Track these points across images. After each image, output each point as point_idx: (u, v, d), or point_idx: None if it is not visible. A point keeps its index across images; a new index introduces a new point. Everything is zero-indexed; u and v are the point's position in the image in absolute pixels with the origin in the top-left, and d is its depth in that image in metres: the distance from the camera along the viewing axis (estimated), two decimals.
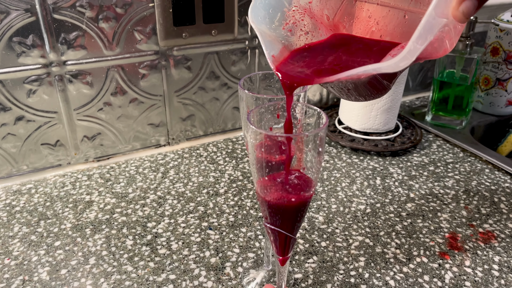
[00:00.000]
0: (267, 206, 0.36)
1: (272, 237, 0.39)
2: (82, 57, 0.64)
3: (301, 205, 0.36)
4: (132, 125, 0.73)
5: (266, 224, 0.38)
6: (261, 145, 0.33)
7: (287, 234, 0.38)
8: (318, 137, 0.33)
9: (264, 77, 0.43)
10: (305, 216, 0.38)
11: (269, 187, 0.35)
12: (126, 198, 0.65)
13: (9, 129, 0.64)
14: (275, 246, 0.40)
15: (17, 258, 0.54)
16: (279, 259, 0.41)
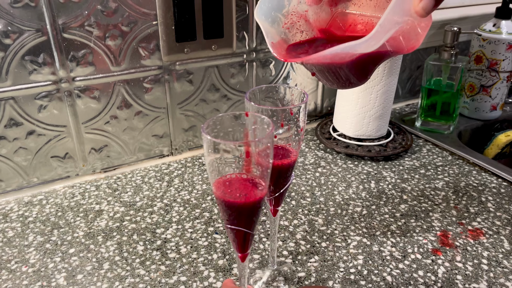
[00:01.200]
0: (225, 206, 0.39)
1: (232, 236, 0.42)
2: (90, 73, 0.68)
3: (256, 203, 0.40)
4: (137, 137, 0.76)
5: (227, 225, 0.41)
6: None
7: (245, 231, 0.41)
8: (265, 144, 0.37)
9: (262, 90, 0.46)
10: (261, 213, 0.42)
11: (226, 188, 0.39)
12: (134, 207, 0.68)
13: (21, 143, 0.67)
14: (235, 244, 0.43)
15: (34, 266, 0.56)
16: (239, 256, 0.44)
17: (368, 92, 0.79)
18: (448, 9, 1.00)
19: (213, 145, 0.36)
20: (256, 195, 0.39)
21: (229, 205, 0.39)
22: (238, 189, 0.39)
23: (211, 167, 0.38)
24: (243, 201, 0.39)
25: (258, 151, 0.37)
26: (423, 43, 0.99)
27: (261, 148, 0.37)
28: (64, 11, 0.63)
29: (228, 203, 0.39)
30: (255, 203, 0.39)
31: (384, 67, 0.77)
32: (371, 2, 0.44)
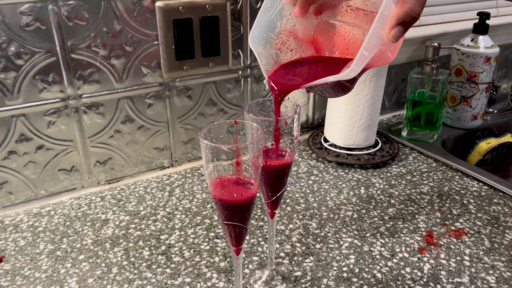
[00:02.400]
0: (221, 204, 0.44)
1: (228, 231, 0.47)
2: (96, 90, 0.72)
3: (248, 200, 0.44)
4: (139, 150, 0.80)
5: (223, 222, 0.46)
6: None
7: (240, 225, 0.46)
8: (255, 147, 0.42)
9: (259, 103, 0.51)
10: (253, 209, 0.47)
11: (221, 188, 0.44)
12: (139, 215, 0.72)
13: (30, 157, 0.71)
14: (231, 238, 0.47)
15: (46, 271, 0.60)
16: (234, 250, 0.49)
17: (356, 104, 0.84)
18: (429, 25, 1.07)
19: (210, 149, 0.41)
20: (248, 194, 0.44)
21: (224, 203, 0.44)
22: (232, 188, 0.44)
23: (208, 168, 0.43)
24: (237, 199, 0.43)
25: (249, 154, 0.42)
26: (407, 58, 1.05)
27: (252, 151, 0.42)
28: (73, 33, 0.67)
29: (224, 201, 0.43)
30: (247, 201, 0.44)
31: (370, 81, 0.82)
32: (351, 14, 0.50)
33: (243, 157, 0.42)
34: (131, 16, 0.71)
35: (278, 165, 0.49)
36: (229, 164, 0.43)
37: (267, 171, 0.49)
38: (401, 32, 0.44)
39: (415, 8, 0.44)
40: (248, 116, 0.48)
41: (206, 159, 0.42)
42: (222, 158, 0.42)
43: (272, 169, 0.49)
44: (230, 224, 0.45)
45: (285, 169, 0.50)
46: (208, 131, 0.44)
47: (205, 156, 0.42)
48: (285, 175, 0.51)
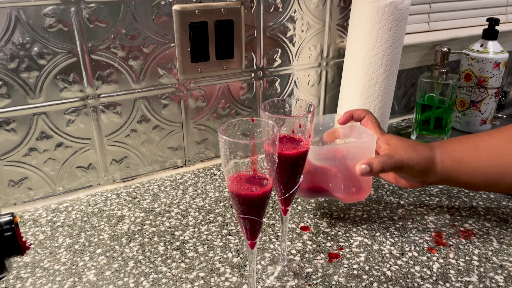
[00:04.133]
0: (238, 198, 0.45)
1: (243, 225, 0.48)
2: (114, 90, 0.75)
3: (263, 195, 0.46)
4: (154, 149, 0.82)
5: (239, 215, 0.47)
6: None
7: (255, 219, 0.47)
8: (271, 142, 0.44)
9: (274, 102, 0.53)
10: (268, 203, 0.48)
11: (238, 183, 0.46)
12: (153, 212, 0.73)
13: (50, 155, 0.74)
14: (246, 232, 0.49)
15: (65, 264, 0.62)
16: (249, 244, 0.50)
17: (366, 106, 0.86)
18: (439, 31, 1.08)
19: (228, 145, 0.43)
20: (263, 189, 0.45)
21: (241, 197, 0.45)
22: (249, 183, 0.45)
23: (226, 164, 0.44)
24: (253, 194, 0.45)
25: (264, 149, 0.44)
26: (417, 62, 1.07)
27: (267, 146, 0.44)
28: (93, 35, 0.70)
29: (241, 195, 0.45)
30: (263, 195, 0.46)
31: (381, 84, 0.84)
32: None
33: (259, 153, 0.44)
34: (149, 19, 0.73)
35: (293, 154, 0.50)
36: (246, 161, 0.44)
37: (282, 159, 0.51)
38: (367, 171, 0.59)
39: (386, 163, 0.60)
40: (264, 114, 0.49)
41: (224, 154, 0.44)
42: (239, 154, 0.44)
43: (287, 157, 0.51)
44: (246, 217, 0.47)
45: (299, 158, 0.51)
46: (226, 128, 0.46)
47: (223, 152, 0.44)
48: (299, 167, 0.52)
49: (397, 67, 0.84)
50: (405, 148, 0.62)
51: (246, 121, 0.48)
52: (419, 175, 0.64)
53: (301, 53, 0.90)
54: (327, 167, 0.66)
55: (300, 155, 0.51)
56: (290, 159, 0.51)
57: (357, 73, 0.84)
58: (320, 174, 0.66)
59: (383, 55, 0.81)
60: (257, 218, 0.47)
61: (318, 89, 0.96)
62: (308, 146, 0.52)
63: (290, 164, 0.51)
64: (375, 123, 0.67)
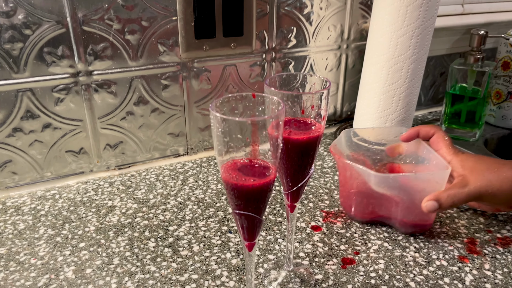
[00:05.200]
0: (233, 190, 0.37)
1: (240, 223, 0.40)
2: (108, 67, 0.67)
3: (264, 187, 0.38)
4: (152, 135, 0.75)
5: (235, 211, 0.39)
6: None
7: (254, 216, 0.39)
8: (276, 123, 0.36)
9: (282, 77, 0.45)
10: (269, 198, 0.40)
11: (233, 171, 0.37)
12: (147, 204, 0.66)
13: (36, 136, 0.67)
14: (243, 231, 0.41)
15: (43, 258, 0.55)
16: (246, 245, 0.42)
17: (391, 94, 0.77)
18: (474, 14, 0.98)
19: (221, 124, 0.35)
20: (264, 179, 0.37)
21: (236, 189, 0.37)
22: (246, 173, 0.37)
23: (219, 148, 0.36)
24: (252, 185, 0.37)
25: (267, 132, 0.35)
26: (448, 49, 0.97)
27: (271, 128, 0.35)
28: (85, 3, 0.62)
29: (236, 186, 0.37)
30: (263, 187, 0.37)
31: (408, 69, 0.74)
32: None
33: (261, 137, 0.36)
34: None
35: (303, 139, 0.42)
36: (244, 145, 0.36)
37: (288, 146, 0.42)
38: (434, 208, 0.53)
39: (457, 197, 0.53)
40: (268, 90, 0.41)
41: (217, 136, 0.36)
42: (236, 136, 0.36)
43: (295, 143, 0.42)
44: (242, 214, 0.39)
45: (310, 145, 0.43)
46: (220, 104, 0.38)
47: (216, 133, 0.36)
48: (310, 157, 0.44)
49: (427, 51, 0.75)
50: (483, 172, 0.53)
51: (246, 97, 0.40)
52: (506, 201, 0.54)
53: (319, 34, 0.82)
54: (389, 195, 0.59)
55: (311, 141, 0.42)
56: (298, 146, 0.42)
57: (381, 55, 0.74)
58: (379, 200, 0.60)
59: (411, 35, 0.71)
60: (256, 215, 0.39)
61: (337, 74, 0.87)
62: (321, 131, 0.43)
63: (299, 151, 0.43)
64: (447, 142, 0.59)
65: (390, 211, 0.60)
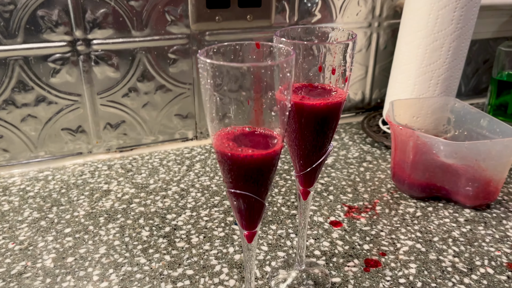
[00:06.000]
0: (228, 162, 0.30)
1: (236, 206, 0.32)
2: (109, 36, 0.61)
3: (266, 159, 0.30)
4: (158, 115, 0.68)
5: (230, 190, 0.31)
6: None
7: (253, 197, 0.31)
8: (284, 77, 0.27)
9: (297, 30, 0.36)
10: (273, 176, 0.32)
11: (229, 140, 0.30)
12: (147, 189, 0.59)
13: (30, 110, 0.61)
14: (241, 217, 0.33)
15: (22, 243, 0.48)
16: (245, 235, 0.34)
17: (427, 77, 0.67)
18: None
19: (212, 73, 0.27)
20: (267, 149, 0.29)
21: (232, 160, 0.29)
22: (245, 141, 0.29)
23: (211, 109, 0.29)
24: (249, 155, 0.29)
25: (273, 88, 0.27)
26: (494, 32, 0.86)
27: (278, 81, 0.27)
28: None
29: (231, 157, 0.29)
30: (265, 159, 0.29)
31: (449, 47, 0.65)
32: None
33: (264, 94, 0.28)
34: None
35: (320, 105, 0.34)
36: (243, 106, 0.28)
37: (301, 114, 0.34)
38: None
39: None
40: (278, 41, 0.33)
41: (207, 93, 0.28)
42: (233, 95, 0.28)
43: (309, 110, 0.34)
44: (238, 194, 0.31)
45: (329, 114, 0.34)
46: (215, 52, 0.30)
47: (206, 90, 0.28)
48: (328, 130, 0.35)
49: (472, 26, 0.65)
50: None
51: (248, 47, 0.32)
52: None
53: (347, 8, 0.73)
54: (458, 166, 0.53)
55: (330, 108, 0.34)
56: (314, 114, 0.34)
57: (418, 31, 0.65)
58: (444, 173, 0.55)
59: (455, 7, 0.62)
60: (255, 195, 0.31)
61: (366, 56, 0.78)
62: (343, 96, 0.35)
63: (314, 122, 0.35)
64: None
65: (453, 183, 0.55)
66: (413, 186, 0.57)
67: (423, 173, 0.56)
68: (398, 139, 0.57)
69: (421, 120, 0.66)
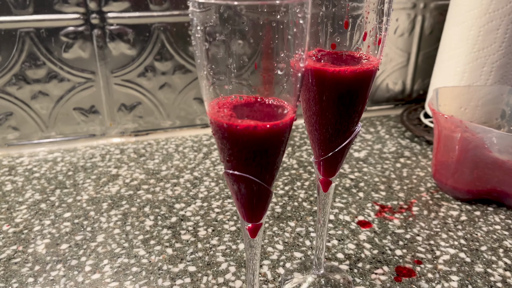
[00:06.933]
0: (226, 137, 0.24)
1: (235, 192, 0.27)
2: (125, 9, 0.56)
3: (273, 131, 0.23)
4: (176, 98, 0.63)
5: (227, 171, 0.25)
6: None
7: (256, 181, 0.25)
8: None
9: None
10: (282, 157, 0.25)
11: (228, 109, 0.24)
12: (158, 176, 0.54)
13: (41, 87, 0.57)
14: (241, 205, 0.27)
15: (17, 226, 0.45)
16: (248, 228, 0.28)
17: (479, 63, 0.59)
18: None
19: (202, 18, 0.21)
20: (272, 121, 0.23)
21: (229, 133, 0.23)
22: (247, 112, 0.23)
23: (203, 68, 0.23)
24: (252, 126, 0.23)
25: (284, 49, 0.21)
26: None
27: (286, 30, 0.21)
28: None
29: (228, 129, 0.23)
30: (272, 132, 0.23)
31: (506, 29, 0.56)
32: None
33: (274, 56, 0.22)
34: None
35: (345, 73, 0.27)
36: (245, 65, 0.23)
37: (323, 84, 0.28)
38: None
39: None
40: None
41: (200, 48, 0.22)
42: (234, 49, 0.22)
43: (332, 79, 0.27)
44: (237, 176, 0.25)
45: (357, 84, 0.28)
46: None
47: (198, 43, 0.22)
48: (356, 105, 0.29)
49: None
50: None
51: None
52: None
53: None
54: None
55: (357, 77, 0.28)
56: (338, 84, 0.28)
57: (470, 10, 0.57)
58: (496, 171, 0.47)
59: None
60: (258, 179, 0.25)
61: (409, 41, 0.70)
62: (375, 63, 0.28)
63: (338, 95, 0.28)
64: None
65: (507, 184, 0.47)
66: (458, 186, 0.49)
67: (470, 171, 0.48)
68: (442, 130, 0.50)
69: (470, 112, 0.58)
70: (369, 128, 0.69)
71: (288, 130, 0.25)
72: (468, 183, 0.49)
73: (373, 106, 0.75)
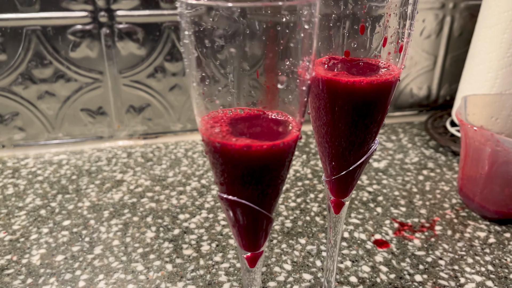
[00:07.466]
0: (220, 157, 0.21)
1: (231, 219, 0.23)
2: (134, 7, 0.54)
3: (275, 153, 0.20)
4: (187, 100, 0.61)
5: (222, 195, 0.22)
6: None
7: (257, 209, 0.22)
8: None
9: None
10: (284, 181, 0.22)
11: (225, 123, 0.21)
12: (163, 182, 0.52)
13: (47, 87, 0.56)
14: (238, 234, 0.24)
15: (14, 233, 0.43)
16: (246, 257, 0.25)
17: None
18: None
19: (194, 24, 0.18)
20: (273, 141, 0.20)
21: (223, 154, 0.20)
22: (244, 129, 0.20)
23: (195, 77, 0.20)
24: (247, 145, 0.20)
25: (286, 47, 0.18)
26: None
27: (292, 35, 0.18)
28: None
29: (223, 150, 0.20)
30: (271, 155, 0.20)
31: None
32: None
33: (279, 63, 0.19)
34: None
35: (362, 83, 0.24)
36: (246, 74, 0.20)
37: (335, 96, 0.25)
38: None
39: None
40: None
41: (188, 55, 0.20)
42: (229, 54, 0.19)
43: (346, 91, 0.24)
44: (233, 202, 0.22)
45: (375, 96, 0.25)
46: None
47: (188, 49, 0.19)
48: (372, 119, 0.25)
49: None
50: None
51: None
52: None
53: None
54: None
55: (375, 89, 0.24)
56: (352, 97, 0.24)
57: (504, 12, 0.52)
58: None
59: None
60: (255, 205, 0.22)
61: (436, 43, 0.66)
62: (396, 73, 0.25)
63: (353, 108, 0.25)
64: None
65: None
66: (487, 204, 0.45)
67: (501, 189, 0.44)
68: (470, 143, 0.45)
69: (502, 123, 0.53)
70: (390, 136, 0.64)
71: (292, 151, 0.21)
72: (497, 201, 0.44)
73: (395, 112, 0.70)
